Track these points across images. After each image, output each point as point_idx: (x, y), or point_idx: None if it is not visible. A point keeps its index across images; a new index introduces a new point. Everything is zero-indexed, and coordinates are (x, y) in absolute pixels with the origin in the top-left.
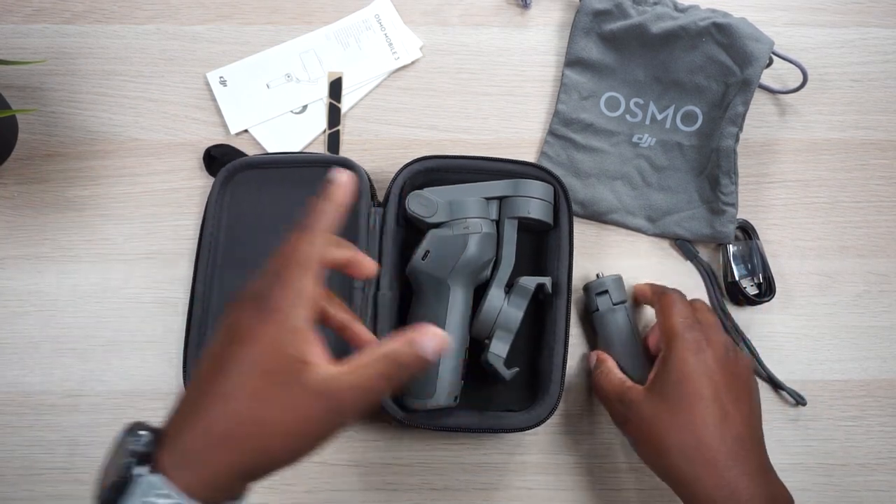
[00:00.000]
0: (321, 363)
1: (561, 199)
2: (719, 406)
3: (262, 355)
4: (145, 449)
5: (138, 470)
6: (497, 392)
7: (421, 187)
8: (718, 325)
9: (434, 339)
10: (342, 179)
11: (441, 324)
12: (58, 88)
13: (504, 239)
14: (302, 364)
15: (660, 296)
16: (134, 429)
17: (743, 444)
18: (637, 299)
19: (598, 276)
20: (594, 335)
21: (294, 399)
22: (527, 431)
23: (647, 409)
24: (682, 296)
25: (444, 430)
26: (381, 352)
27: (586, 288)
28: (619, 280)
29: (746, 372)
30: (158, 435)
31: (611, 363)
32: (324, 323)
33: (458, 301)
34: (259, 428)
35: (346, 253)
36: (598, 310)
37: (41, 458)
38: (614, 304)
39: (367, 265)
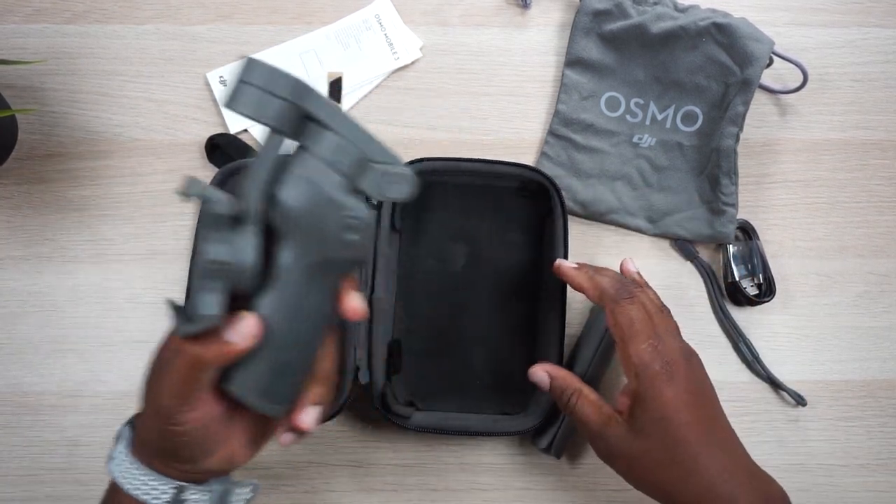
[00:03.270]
0: None
1: (556, 200)
2: (702, 426)
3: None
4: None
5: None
6: (492, 396)
7: (419, 188)
8: (665, 314)
9: (239, 324)
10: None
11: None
12: (58, 88)
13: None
14: None
15: (614, 306)
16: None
17: (730, 452)
18: (568, 281)
19: None
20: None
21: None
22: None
23: (634, 448)
24: (631, 286)
25: (438, 432)
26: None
27: None
28: None
29: (701, 369)
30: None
31: (580, 383)
32: None
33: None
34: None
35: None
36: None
37: (41, 458)
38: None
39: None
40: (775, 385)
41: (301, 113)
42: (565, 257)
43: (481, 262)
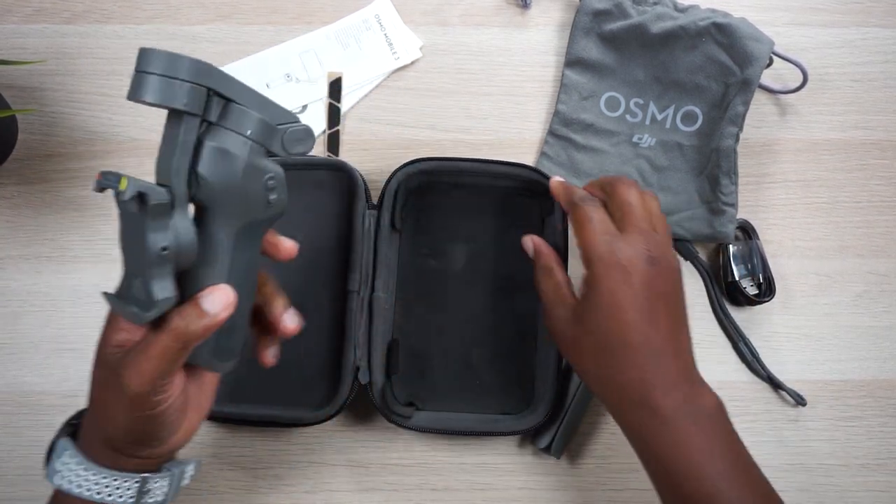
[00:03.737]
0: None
1: (555, 200)
2: (649, 329)
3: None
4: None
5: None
6: (492, 395)
7: (416, 189)
8: (640, 216)
9: (216, 297)
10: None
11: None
12: (58, 88)
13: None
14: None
15: (572, 207)
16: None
17: (674, 361)
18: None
19: None
20: None
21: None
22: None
23: (574, 331)
24: (597, 196)
25: (439, 432)
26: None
27: None
28: None
29: (666, 279)
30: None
31: (553, 262)
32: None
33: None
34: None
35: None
36: None
37: (41, 458)
38: None
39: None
40: (775, 385)
41: (204, 91)
42: (565, 257)
43: (481, 261)
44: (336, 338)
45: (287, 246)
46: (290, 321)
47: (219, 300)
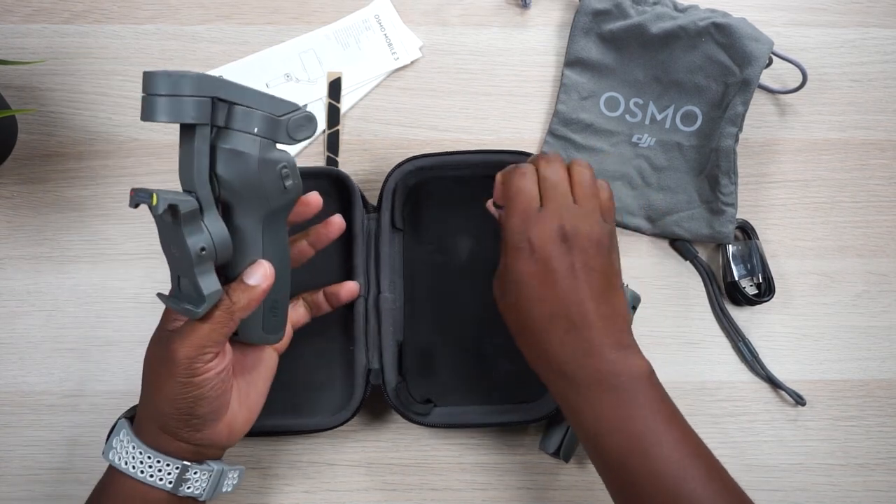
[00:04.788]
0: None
1: None
2: (552, 307)
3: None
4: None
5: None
6: (507, 384)
7: (415, 187)
8: (559, 192)
9: (255, 271)
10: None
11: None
12: (57, 88)
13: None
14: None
15: (502, 178)
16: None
17: (580, 333)
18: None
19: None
20: None
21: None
22: (527, 431)
23: (500, 300)
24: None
25: (457, 427)
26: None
27: None
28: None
29: (591, 253)
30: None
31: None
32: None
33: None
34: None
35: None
36: None
37: (41, 458)
38: None
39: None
40: (774, 384)
41: (209, 101)
42: None
43: (486, 252)
44: (346, 342)
45: (312, 199)
46: (346, 290)
47: (258, 272)
